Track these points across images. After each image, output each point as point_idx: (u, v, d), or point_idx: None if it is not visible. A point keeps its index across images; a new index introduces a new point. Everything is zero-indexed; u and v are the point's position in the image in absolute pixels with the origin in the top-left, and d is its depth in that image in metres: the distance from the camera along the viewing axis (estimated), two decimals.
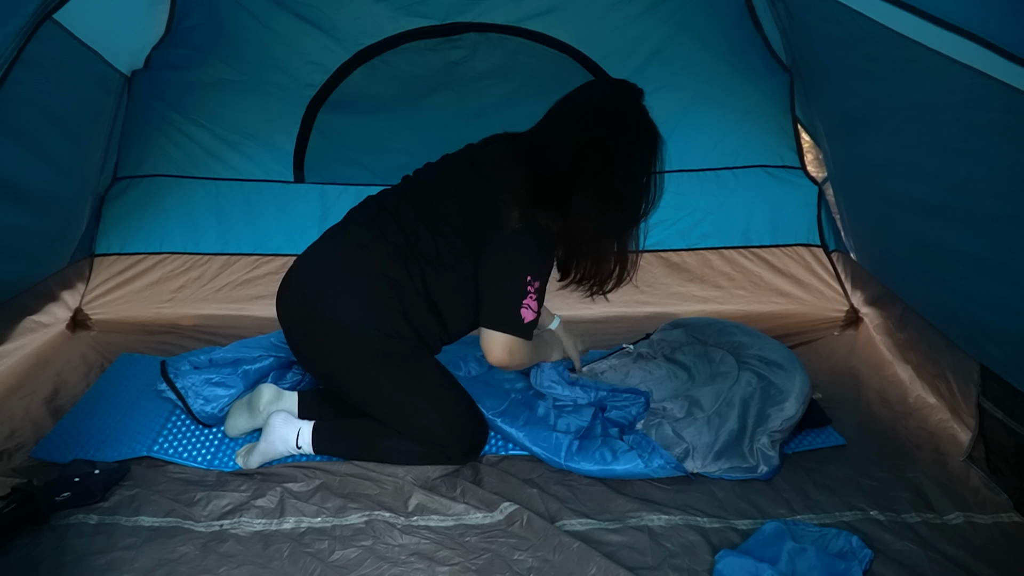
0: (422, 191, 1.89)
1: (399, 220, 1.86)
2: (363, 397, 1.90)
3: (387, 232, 1.85)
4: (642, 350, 2.41)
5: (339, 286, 1.84)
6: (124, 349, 2.50)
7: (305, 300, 1.86)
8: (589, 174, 1.78)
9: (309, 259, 1.92)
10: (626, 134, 1.81)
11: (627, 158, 1.81)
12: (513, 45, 2.71)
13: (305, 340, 1.91)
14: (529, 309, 1.77)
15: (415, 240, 1.83)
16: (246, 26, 2.60)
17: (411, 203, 1.88)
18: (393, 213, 1.87)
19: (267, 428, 1.92)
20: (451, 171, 1.91)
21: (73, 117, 2.25)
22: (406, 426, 1.89)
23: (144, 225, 2.81)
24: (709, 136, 2.83)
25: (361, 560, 1.63)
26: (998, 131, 1.44)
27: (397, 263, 1.82)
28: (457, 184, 1.86)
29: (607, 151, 1.79)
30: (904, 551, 1.66)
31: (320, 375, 2.00)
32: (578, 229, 1.82)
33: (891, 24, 1.57)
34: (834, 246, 2.87)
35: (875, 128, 1.99)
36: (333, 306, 1.83)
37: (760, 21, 2.63)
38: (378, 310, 1.82)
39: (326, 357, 1.89)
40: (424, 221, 1.84)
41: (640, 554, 1.65)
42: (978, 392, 1.93)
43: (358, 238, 1.88)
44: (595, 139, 1.79)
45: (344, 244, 1.89)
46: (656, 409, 2.09)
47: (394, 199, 1.91)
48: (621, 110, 1.82)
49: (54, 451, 1.95)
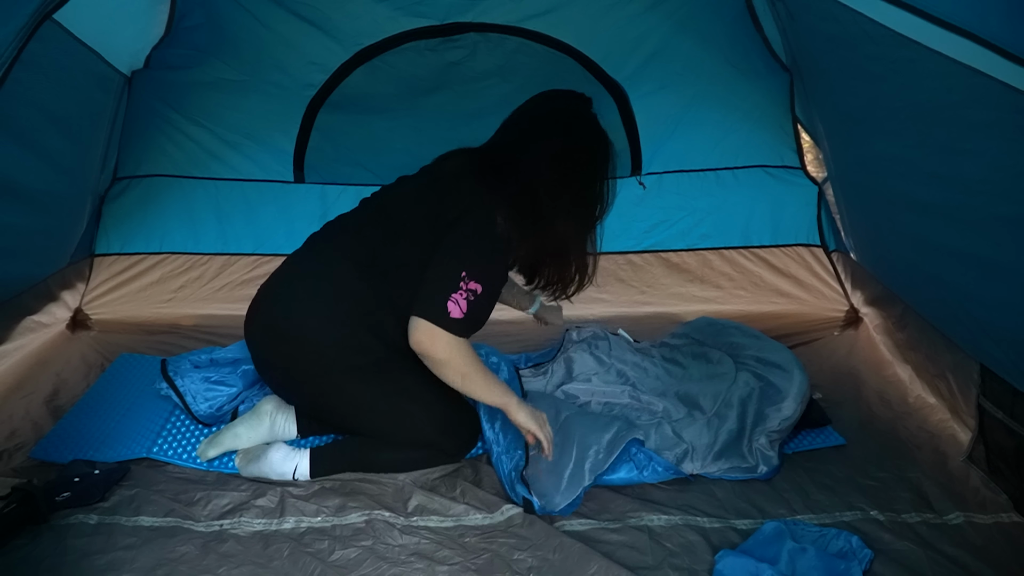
0: (383, 210, 1.89)
1: (360, 239, 1.85)
2: (346, 414, 1.89)
3: (349, 252, 1.84)
4: (640, 345, 2.41)
5: (304, 309, 1.82)
6: (124, 349, 2.50)
7: (272, 328, 1.85)
8: (547, 183, 1.81)
9: (272, 287, 1.90)
10: (580, 142, 1.85)
11: (582, 166, 1.85)
12: (513, 45, 2.71)
13: (277, 368, 1.89)
14: (457, 305, 1.68)
15: (378, 257, 1.82)
16: (246, 26, 2.60)
17: (372, 222, 1.88)
18: (354, 233, 1.87)
19: (265, 459, 1.89)
20: (410, 188, 1.91)
21: (73, 117, 2.25)
22: (396, 433, 1.89)
23: (144, 225, 2.81)
24: (709, 136, 2.83)
25: (361, 560, 1.63)
26: (998, 131, 1.44)
27: (361, 281, 1.81)
28: (417, 199, 1.86)
29: (563, 160, 1.82)
30: (904, 551, 1.66)
31: (301, 402, 1.97)
32: (540, 237, 1.84)
33: (891, 24, 1.57)
34: (834, 246, 2.87)
35: (875, 128, 1.99)
36: (300, 328, 1.81)
37: (760, 21, 2.63)
38: (345, 328, 1.81)
39: (301, 382, 1.87)
40: (386, 238, 1.84)
41: (640, 554, 1.65)
42: (978, 392, 1.93)
43: (320, 261, 1.87)
44: (551, 149, 1.82)
45: (306, 268, 1.88)
46: (656, 410, 2.09)
47: (355, 220, 1.92)
48: (574, 119, 1.86)
49: (53, 451, 1.96)
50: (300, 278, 1.87)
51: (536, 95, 1.94)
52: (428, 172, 1.94)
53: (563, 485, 1.80)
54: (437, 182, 1.88)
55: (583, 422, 1.95)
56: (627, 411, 2.11)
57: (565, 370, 2.27)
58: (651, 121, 2.81)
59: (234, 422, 2.00)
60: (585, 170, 1.85)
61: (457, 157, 1.92)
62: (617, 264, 2.91)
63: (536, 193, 1.81)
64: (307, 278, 1.86)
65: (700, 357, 2.26)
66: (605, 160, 1.89)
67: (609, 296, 2.89)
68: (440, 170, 1.91)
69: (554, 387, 2.23)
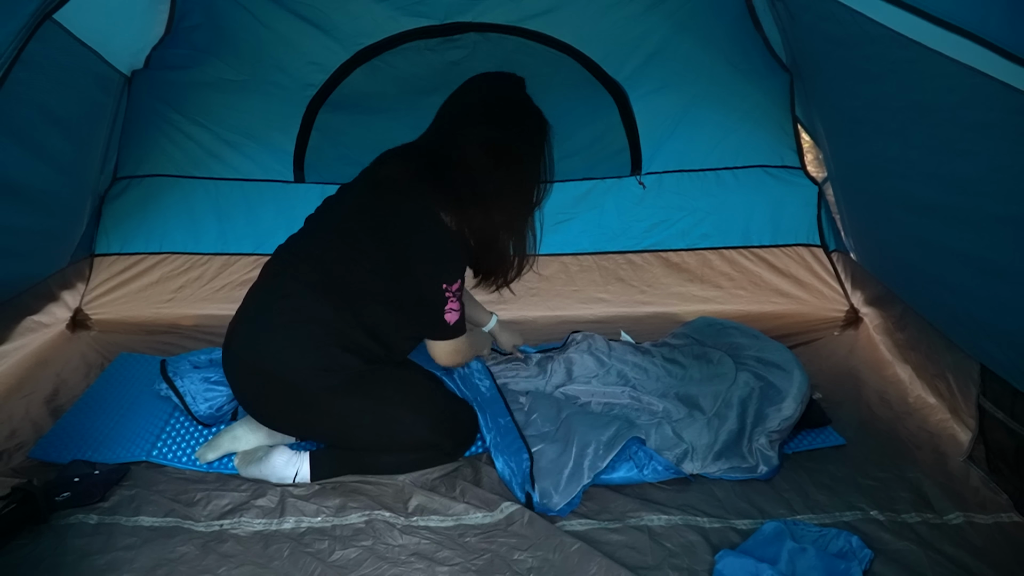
0: (330, 229, 1.87)
1: (312, 261, 1.83)
2: (338, 433, 1.89)
3: (304, 276, 1.82)
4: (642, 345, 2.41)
5: (273, 341, 1.81)
6: (124, 349, 2.50)
7: (246, 364, 1.84)
8: (486, 171, 1.80)
9: (239, 324, 1.89)
10: (516, 126, 1.83)
11: (520, 150, 1.83)
12: (513, 45, 2.71)
13: (260, 401, 1.88)
14: (452, 312, 1.83)
15: (335, 278, 1.80)
16: (246, 26, 2.60)
17: (321, 242, 1.86)
18: (305, 257, 1.85)
19: (267, 462, 1.88)
20: (353, 199, 1.88)
21: (73, 117, 2.25)
22: (391, 441, 1.89)
23: (144, 225, 2.81)
24: (709, 136, 2.83)
25: (361, 560, 1.63)
26: (998, 131, 1.44)
27: (322, 303, 1.79)
28: (361, 209, 1.84)
29: (500, 146, 1.81)
30: (904, 551, 1.66)
31: (290, 431, 1.95)
32: (482, 226, 1.83)
33: (891, 24, 1.57)
34: (834, 246, 2.87)
35: (875, 128, 1.99)
36: (274, 360, 1.80)
37: (760, 21, 2.63)
38: (316, 350, 1.79)
39: (286, 412, 1.86)
40: (339, 257, 1.81)
41: (640, 554, 1.65)
42: (978, 392, 1.93)
43: (279, 290, 1.84)
44: (487, 136, 1.80)
45: (267, 300, 1.85)
46: (656, 410, 2.09)
47: (303, 242, 1.89)
48: (508, 104, 1.84)
49: (52, 451, 1.96)
50: (263, 312, 1.84)
51: (468, 80, 1.92)
52: (367, 179, 1.90)
53: (562, 484, 1.80)
54: (378, 188, 1.85)
55: (583, 421, 1.96)
56: (627, 411, 2.11)
57: (565, 371, 2.27)
58: (651, 121, 2.81)
59: (233, 424, 1.99)
60: (521, 156, 1.83)
61: (394, 161, 1.89)
62: (617, 264, 2.91)
63: (474, 184, 1.79)
64: (269, 313, 1.83)
65: (700, 357, 2.26)
66: (542, 142, 1.87)
67: (609, 296, 2.89)
68: (378, 175, 1.88)
69: (553, 387, 2.23)
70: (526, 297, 2.86)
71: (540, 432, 1.98)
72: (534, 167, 1.86)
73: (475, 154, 1.79)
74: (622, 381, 2.23)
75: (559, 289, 2.89)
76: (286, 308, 1.81)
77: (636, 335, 2.55)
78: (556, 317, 2.81)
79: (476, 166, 1.79)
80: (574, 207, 2.90)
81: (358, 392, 1.83)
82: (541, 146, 1.87)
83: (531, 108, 1.87)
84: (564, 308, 2.87)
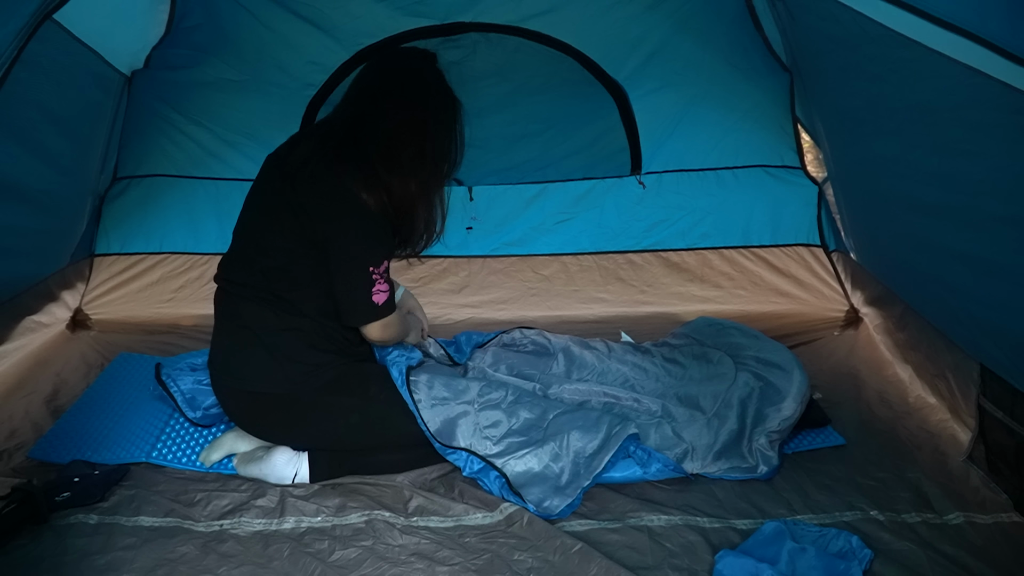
0: (251, 238, 1.86)
1: (244, 280, 1.83)
2: (331, 439, 1.89)
3: (246, 295, 1.83)
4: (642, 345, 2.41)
5: (246, 366, 1.83)
6: (124, 349, 2.50)
7: (230, 394, 1.87)
8: (398, 146, 1.80)
9: (213, 360, 1.91)
10: (427, 101, 1.83)
11: (431, 124, 1.84)
12: (513, 45, 2.71)
13: (255, 426, 1.90)
14: (380, 292, 1.82)
15: (270, 283, 1.80)
16: (246, 26, 2.60)
17: (244, 258, 1.85)
18: (237, 282, 1.85)
19: (268, 462, 1.89)
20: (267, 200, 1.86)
21: (73, 117, 2.25)
22: (383, 439, 1.89)
23: (144, 225, 2.81)
24: (709, 136, 2.83)
25: (361, 560, 1.63)
26: (998, 131, 1.44)
27: (271, 315, 1.80)
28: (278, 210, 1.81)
29: (411, 121, 1.81)
30: (904, 551, 1.66)
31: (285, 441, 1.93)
32: (397, 200, 1.83)
33: (891, 24, 1.57)
34: (834, 246, 2.87)
35: (875, 128, 1.99)
36: (254, 382, 1.82)
37: (760, 21, 2.63)
38: (287, 363, 1.81)
39: (279, 425, 1.87)
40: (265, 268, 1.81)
41: (640, 554, 1.65)
42: (978, 392, 1.93)
43: (230, 318, 1.86)
44: (395, 114, 1.80)
45: (228, 330, 1.88)
46: (655, 410, 2.09)
47: (231, 263, 1.89)
48: (418, 79, 1.84)
49: (51, 451, 1.96)
50: (227, 345, 1.87)
51: (378, 56, 1.92)
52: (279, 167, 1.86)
53: (560, 488, 1.80)
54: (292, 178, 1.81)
55: (573, 421, 1.93)
56: (627, 411, 2.11)
57: (565, 370, 2.26)
58: (651, 120, 2.81)
59: (234, 424, 2.00)
60: (430, 130, 1.83)
61: (306, 143, 1.86)
62: (617, 263, 2.91)
63: (389, 159, 1.79)
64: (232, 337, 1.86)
65: (700, 358, 2.26)
66: (452, 116, 1.88)
67: (609, 295, 2.89)
68: (291, 161, 1.84)
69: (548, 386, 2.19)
70: (526, 297, 2.87)
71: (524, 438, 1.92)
72: (445, 141, 1.87)
73: (390, 129, 1.80)
74: (621, 380, 2.22)
75: (559, 289, 2.89)
76: (244, 334, 1.83)
77: (636, 335, 2.55)
78: (556, 317, 2.81)
79: (391, 141, 1.80)
80: (574, 207, 2.90)
81: (343, 391, 1.84)
82: (453, 120, 1.88)
83: (443, 84, 1.88)
84: (564, 308, 2.87)
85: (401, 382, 1.90)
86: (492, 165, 2.87)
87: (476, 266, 2.90)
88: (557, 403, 2.05)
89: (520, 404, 1.96)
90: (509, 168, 2.89)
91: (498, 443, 1.88)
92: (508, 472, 1.84)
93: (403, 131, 1.80)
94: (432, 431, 1.87)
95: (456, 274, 2.89)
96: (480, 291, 2.87)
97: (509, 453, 1.87)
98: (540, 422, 1.93)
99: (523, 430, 1.91)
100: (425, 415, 1.87)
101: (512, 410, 1.94)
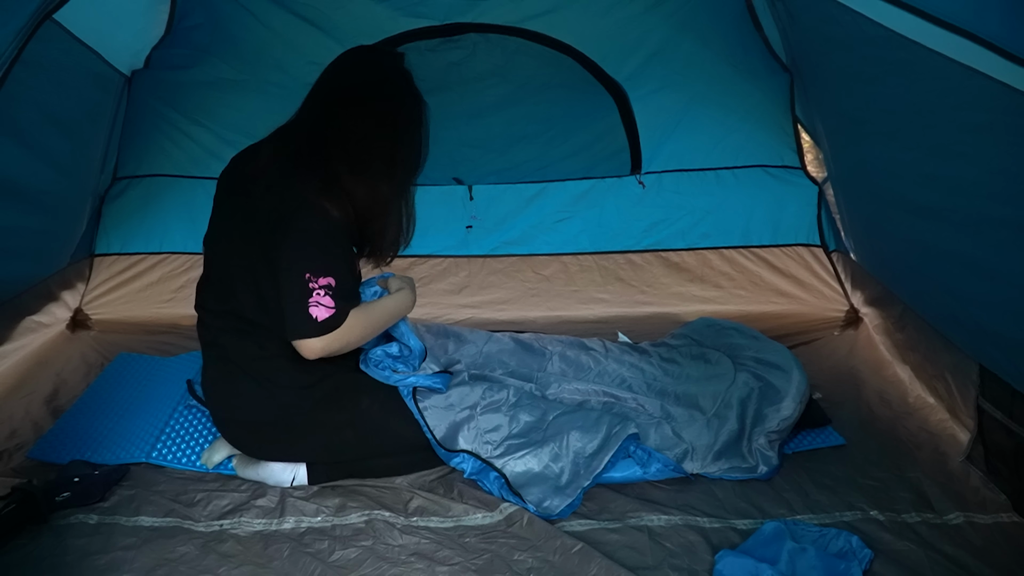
0: (219, 262, 1.83)
1: (219, 308, 1.81)
2: (329, 455, 1.88)
3: (225, 327, 1.81)
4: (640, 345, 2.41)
5: (237, 396, 1.82)
6: (124, 349, 2.50)
7: (226, 423, 1.87)
8: (365, 150, 1.75)
9: (205, 390, 1.91)
10: (390, 101, 1.79)
11: (397, 125, 1.79)
12: (513, 46, 2.71)
13: (254, 450, 1.89)
14: (320, 307, 1.65)
15: (244, 310, 1.77)
16: (246, 26, 2.60)
17: (216, 283, 1.83)
18: (213, 311, 1.83)
19: (265, 465, 1.88)
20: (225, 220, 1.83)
21: (73, 117, 2.25)
22: (379, 449, 1.89)
23: (144, 225, 2.81)
24: (709, 136, 2.83)
25: (361, 560, 1.63)
26: (997, 132, 1.44)
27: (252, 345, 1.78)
28: (239, 226, 1.77)
29: (378, 124, 1.77)
30: (904, 551, 1.66)
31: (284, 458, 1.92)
32: (363, 206, 1.78)
33: (891, 25, 1.57)
34: (834, 246, 2.87)
35: (875, 129, 1.99)
36: (246, 412, 1.82)
37: (760, 21, 2.64)
38: (276, 390, 1.80)
39: (276, 444, 1.86)
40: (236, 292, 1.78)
41: (640, 554, 1.65)
42: (977, 393, 1.93)
43: (214, 348, 1.85)
44: (364, 115, 1.76)
45: (213, 360, 1.86)
46: (654, 410, 2.08)
47: (204, 290, 1.86)
48: (382, 79, 1.80)
49: (51, 451, 1.96)
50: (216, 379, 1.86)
51: (341, 56, 1.86)
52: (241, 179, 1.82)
53: (561, 488, 1.80)
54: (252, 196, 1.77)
55: (573, 422, 1.92)
56: (626, 411, 2.11)
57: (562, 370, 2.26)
58: (651, 121, 2.81)
59: None
60: (399, 133, 1.79)
61: (265, 149, 1.84)
62: (617, 263, 2.91)
63: (353, 162, 1.75)
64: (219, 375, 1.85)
65: (698, 358, 2.25)
66: (418, 116, 1.82)
67: (609, 296, 2.89)
68: (252, 173, 1.81)
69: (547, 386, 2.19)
70: (526, 297, 2.87)
71: (524, 439, 1.91)
72: (413, 143, 1.83)
73: (352, 132, 1.75)
74: (619, 381, 2.22)
75: (559, 289, 2.89)
76: (226, 365, 1.82)
77: (635, 335, 2.55)
78: (556, 317, 2.81)
79: (358, 145, 1.75)
80: (574, 206, 2.90)
81: (335, 408, 1.83)
82: (419, 120, 1.83)
83: (409, 83, 1.83)
84: (564, 308, 2.87)
85: (407, 392, 1.88)
86: (492, 165, 2.87)
87: (476, 266, 2.90)
88: (557, 404, 2.04)
89: (520, 407, 1.95)
90: (509, 168, 2.89)
91: (498, 447, 1.89)
92: (508, 472, 1.84)
93: (370, 135, 1.76)
94: (438, 438, 1.87)
95: (456, 274, 2.89)
96: (480, 291, 2.87)
97: (509, 454, 1.87)
98: (540, 424, 1.93)
99: (523, 432, 1.91)
100: (431, 422, 1.87)
101: (513, 414, 1.93)
